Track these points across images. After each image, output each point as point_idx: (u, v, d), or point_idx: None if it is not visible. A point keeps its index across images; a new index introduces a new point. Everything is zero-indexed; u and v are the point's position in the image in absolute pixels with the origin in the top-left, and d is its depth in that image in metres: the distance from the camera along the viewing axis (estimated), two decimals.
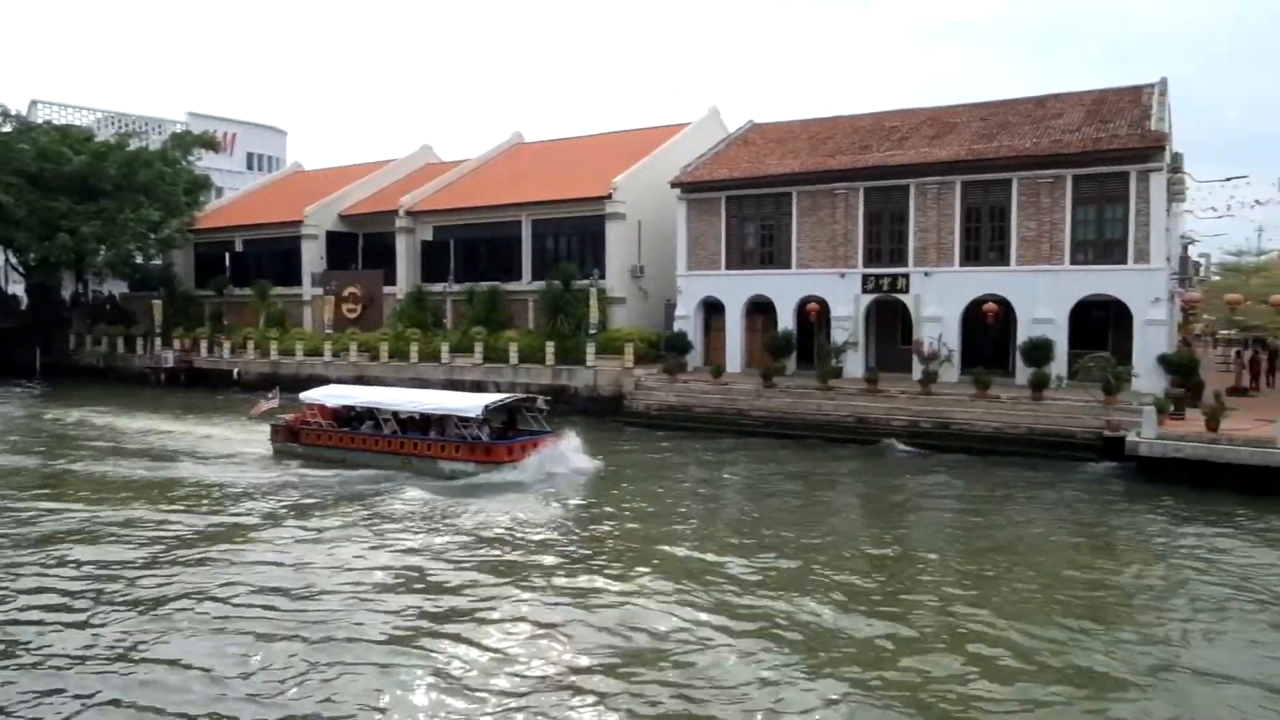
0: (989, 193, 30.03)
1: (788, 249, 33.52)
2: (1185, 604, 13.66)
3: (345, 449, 24.60)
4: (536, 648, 11.74)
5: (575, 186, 39.68)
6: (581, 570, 15.05)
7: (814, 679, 10.82)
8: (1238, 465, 20.52)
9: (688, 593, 13.68)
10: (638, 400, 32.44)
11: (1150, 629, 12.61)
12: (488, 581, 14.37)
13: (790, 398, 29.44)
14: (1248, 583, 14.45)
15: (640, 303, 38.57)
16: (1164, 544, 17.19)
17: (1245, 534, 17.40)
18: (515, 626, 12.50)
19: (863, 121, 37.00)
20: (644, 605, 13.16)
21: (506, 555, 15.91)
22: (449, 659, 11.37)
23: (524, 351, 36.44)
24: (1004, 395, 26.90)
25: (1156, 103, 30.07)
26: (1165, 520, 18.56)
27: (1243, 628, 12.54)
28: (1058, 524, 18.55)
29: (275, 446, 25.97)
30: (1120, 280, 27.89)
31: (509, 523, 18.05)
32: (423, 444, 23.48)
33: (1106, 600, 13.88)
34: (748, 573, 14.86)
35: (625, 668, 11.09)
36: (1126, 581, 14.89)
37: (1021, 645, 11.77)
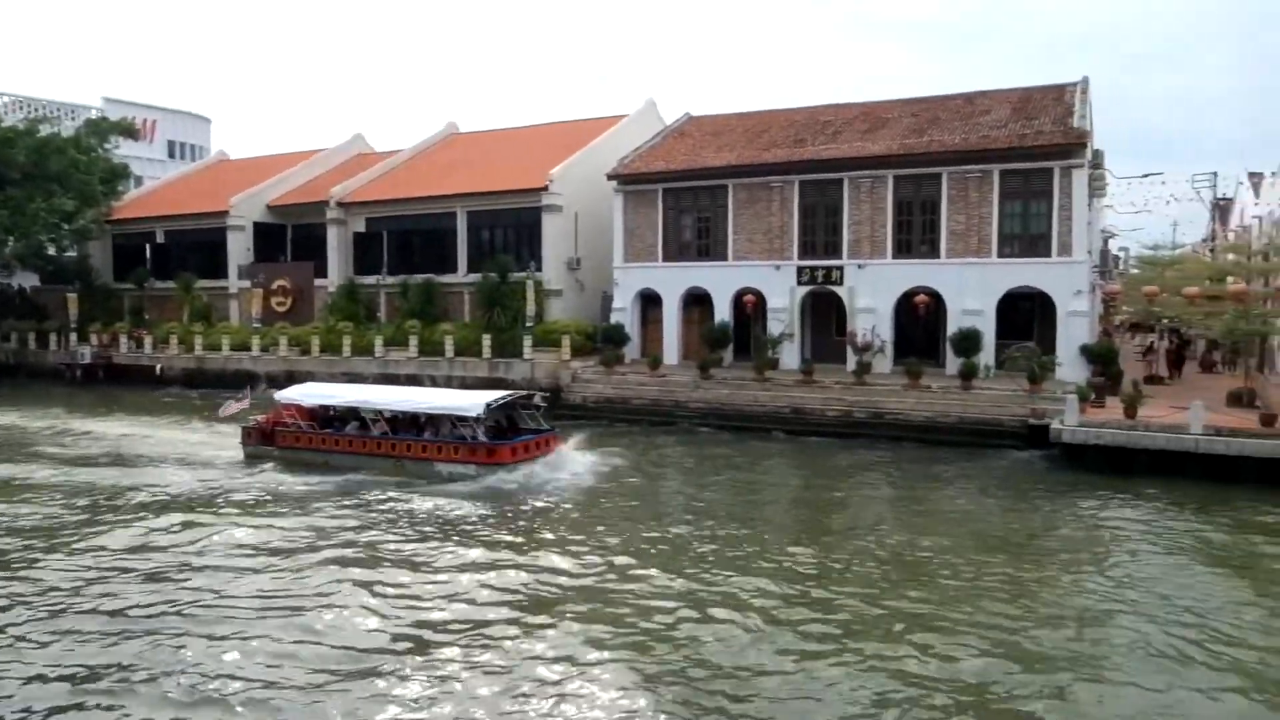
0: (920, 187, 30.61)
1: (724, 241, 33.70)
2: (1100, 583, 14.21)
3: (328, 451, 22.91)
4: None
5: (511, 178, 39.25)
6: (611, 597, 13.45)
7: (751, 666, 10.92)
8: (1153, 450, 21.31)
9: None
10: (575, 393, 32.28)
11: (1065, 605, 13.19)
12: (528, 620, 12.47)
13: (727, 389, 29.62)
14: (1159, 560, 15.18)
15: (577, 295, 38.39)
16: (1082, 527, 17.74)
17: (1158, 515, 18.10)
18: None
19: (798, 115, 37.38)
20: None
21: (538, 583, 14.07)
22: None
23: (460, 345, 35.95)
24: (935, 385, 27.48)
25: (1078, 101, 31.01)
26: (1084, 504, 19.15)
27: (1154, 602, 13.22)
28: (983, 510, 19.04)
29: (247, 450, 24.13)
30: (1045, 273, 28.72)
31: (531, 537, 16.62)
32: (417, 445, 21.94)
33: (1024, 580, 14.32)
34: (690, 560, 14.97)
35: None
36: (1045, 560, 15.41)
37: (951, 622, 12.15)
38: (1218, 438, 20.91)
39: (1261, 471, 20.13)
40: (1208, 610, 12.78)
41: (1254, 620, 12.45)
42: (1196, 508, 18.47)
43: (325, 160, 49.92)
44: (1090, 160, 29.35)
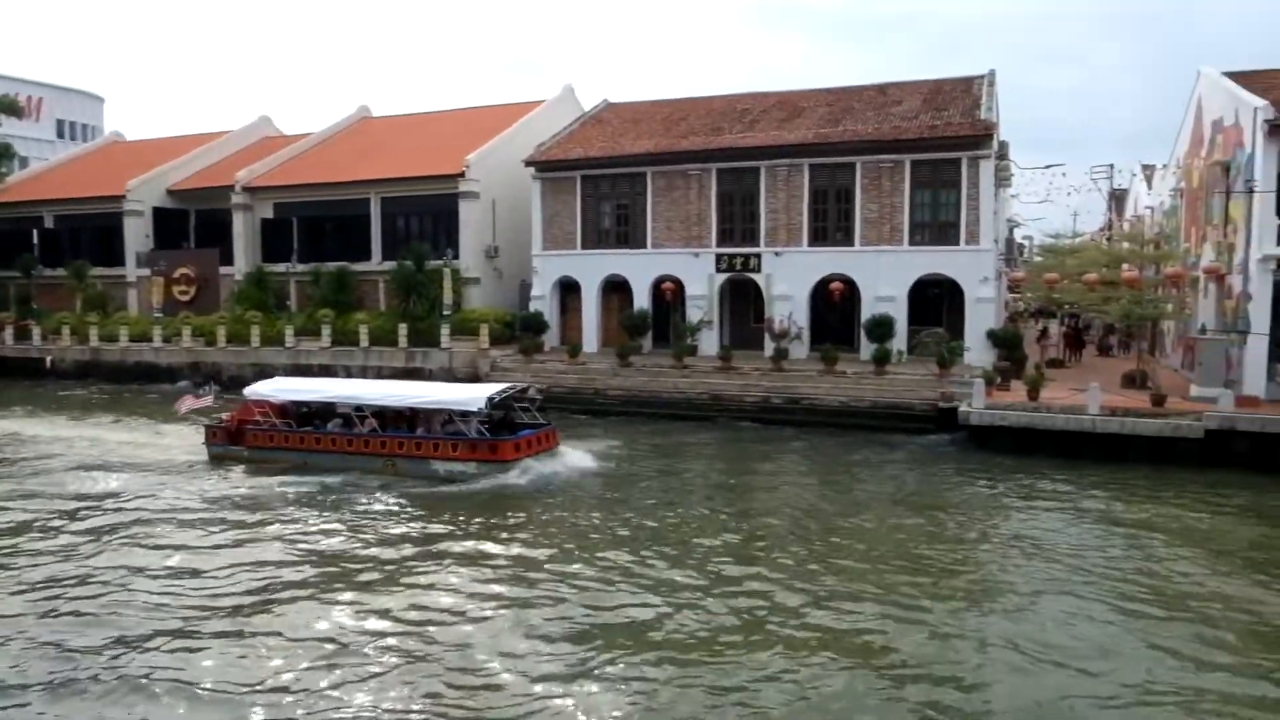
0: (835, 176, 31.11)
1: (643, 229, 33.67)
2: (1002, 558, 14.81)
3: (308, 451, 21.21)
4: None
5: (427, 164, 38.42)
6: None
7: (651, 652, 10.91)
8: (1055, 431, 22.19)
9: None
10: (493, 380, 31.77)
11: (971, 580, 13.71)
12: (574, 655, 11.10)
13: (646, 376, 29.66)
14: (1056, 534, 15.87)
15: (495, 283, 37.88)
16: (987, 505, 18.37)
17: (1058, 493, 18.86)
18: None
19: (715, 104, 37.56)
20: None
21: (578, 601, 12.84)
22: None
23: (375, 334, 35.07)
24: (850, 370, 28.03)
25: (985, 93, 31.94)
26: (988, 484, 19.83)
27: (1050, 570, 13.97)
28: (892, 491, 19.50)
29: (212, 450, 22.28)
30: (953, 260, 29.56)
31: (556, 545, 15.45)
32: (410, 443, 20.50)
33: (934, 556, 14.76)
34: (610, 550, 14.94)
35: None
36: (951, 539, 15.92)
37: (865, 599, 12.43)
38: (1113, 418, 21.90)
39: (1152, 449, 21.18)
40: (1104, 581, 13.43)
41: (1151, 592, 13.10)
42: (1092, 485, 19.30)
43: (230, 143, 47.97)
44: (996, 151, 30.28)
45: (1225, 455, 20.70)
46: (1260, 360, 23.00)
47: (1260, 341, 22.96)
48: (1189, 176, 31.08)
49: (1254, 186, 23.09)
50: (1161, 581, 13.56)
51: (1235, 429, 20.87)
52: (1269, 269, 22.86)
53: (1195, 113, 30.34)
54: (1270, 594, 13.00)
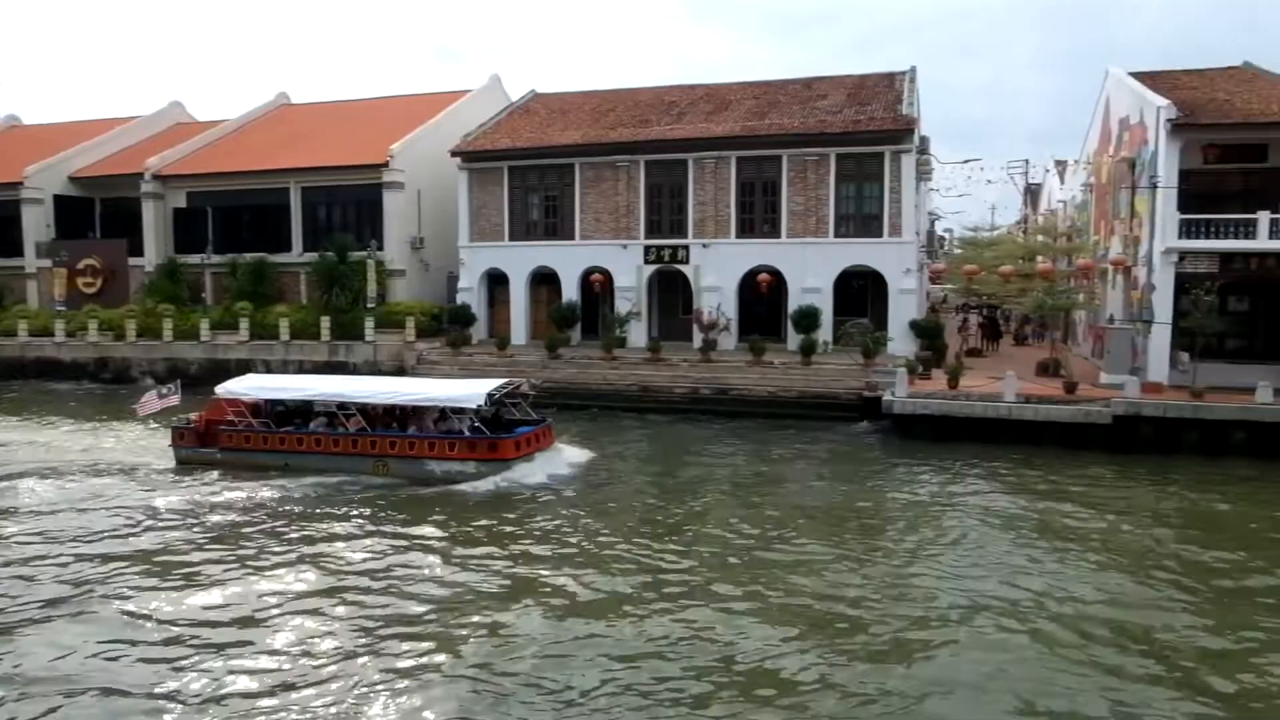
0: (762, 168, 31.40)
1: (571, 220, 33.48)
2: (924, 537, 15.17)
3: (289, 452, 19.90)
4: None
5: (349, 153, 37.47)
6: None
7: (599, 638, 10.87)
8: (973, 418, 22.84)
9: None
10: (421, 375, 31.27)
11: (895, 557, 14.09)
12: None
13: (575, 368, 29.52)
14: (975, 515, 16.38)
15: (421, 275, 37.21)
16: (909, 489, 18.78)
17: (974, 477, 19.43)
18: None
19: (643, 95, 37.53)
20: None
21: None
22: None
23: (296, 327, 34.09)
24: (777, 361, 28.37)
25: (907, 89, 32.62)
26: (910, 470, 20.30)
27: (972, 547, 14.44)
28: (818, 479, 19.84)
29: (181, 453, 20.79)
30: (877, 252, 30.14)
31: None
32: (403, 442, 19.37)
33: (857, 540, 15.11)
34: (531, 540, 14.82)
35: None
36: (876, 523, 16.35)
37: (794, 580, 12.63)
38: (1027, 405, 22.64)
39: (1064, 435, 21.98)
40: (1014, 561, 13.85)
41: (1056, 568, 13.57)
42: (1008, 469, 19.94)
43: (138, 129, 45.95)
44: (918, 145, 30.96)
45: (1131, 439, 21.61)
46: (1163, 348, 24.05)
47: (1163, 331, 23.99)
48: (1098, 172, 32.28)
49: (1157, 182, 24.08)
50: (1069, 565, 14.05)
51: (1140, 414, 21.79)
52: (1171, 261, 23.89)
53: (1104, 111, 31.53)
54: (1162, 570, 13.62)
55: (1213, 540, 15.19)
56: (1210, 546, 14.81)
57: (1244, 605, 12.29)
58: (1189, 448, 21.30)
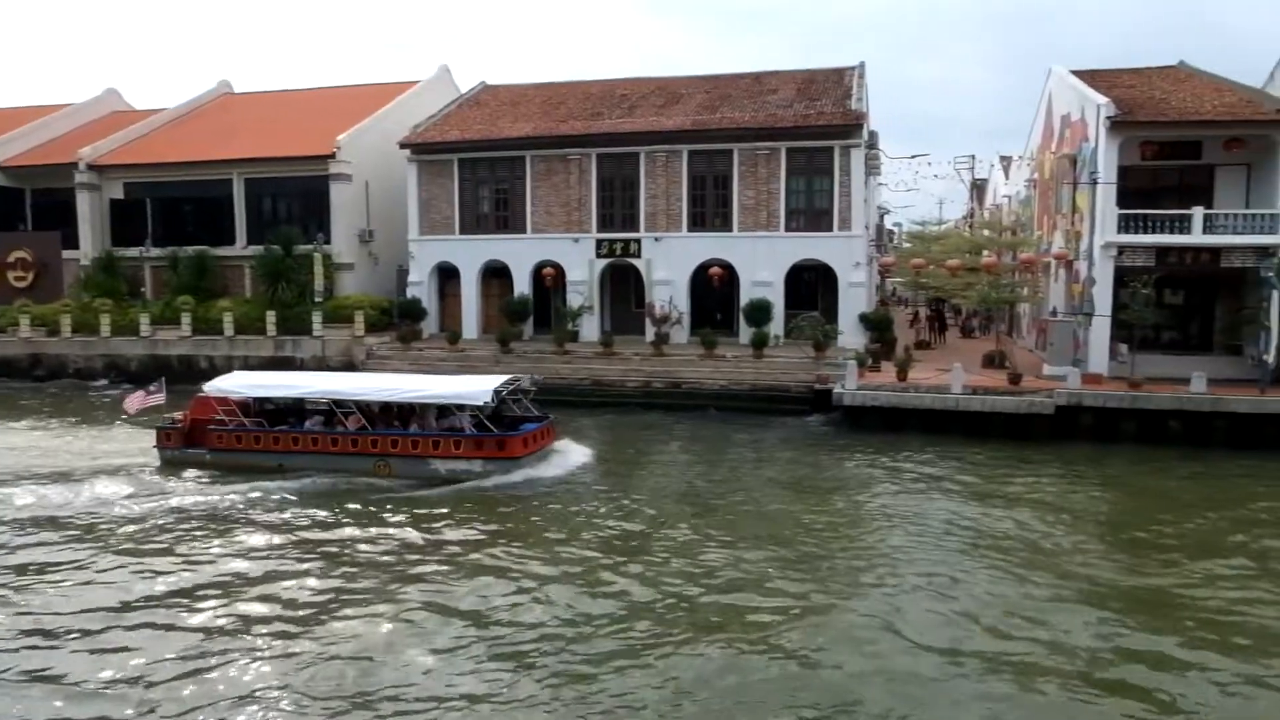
0: (713, 162, 31.48)
1: (523, 213, 33.22)
2: (875, 527, 15.43)
3: (283, 453, 19.16)
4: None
5: (295, 144, 36.67)
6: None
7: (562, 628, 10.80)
8: (922, 410, 23.21)
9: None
10: (370, 370, 30.81)
11: (848, 546, 14.33)
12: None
13: (527, 362, 29.27)
14: (923, 503, 16.73)
15: (370, 268, 36.62)
16: (859, 479, 19.07)
17: (924, 466, 19.76)
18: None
19: (594, 88, 37.36)
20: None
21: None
22: None
23: (241, 322, 33.32)
24: (729, 354, 28.51)
25: (856, 84, 32.95)
26: (860, 462, 20.58)
27: (920, 534, 14.79)
28: (771, 471, 20.00)
29: (166, 454, 19.99)
30: (827, 246, 30.43)
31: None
32: (406, 440, 18.70)
33: (813, 526, 15.28)
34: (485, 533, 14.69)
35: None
36: (830, 510, 16.57)
37: (751, 566, 12.76)
38: (974, 396, 23.07)
39: (1009, 425, 22.45)
40: (962, 552, 14.14)
41: (1002, 555, 13.88)
42: (954, 459, 20.29)
43: (72, 116, 44.40)
44: (867, 140, 31.33)
45: (1073, 429, 22.18)
46: (1103, 340, 24.70)
47: (1103, 323, 24.63)
48: (1041, 168, 32.98)
49: (1097, 178, 24.68)
50: (1010, 542, 14.39)
51: (1081, 404, 22.36)
52: (1110, 255, 24.52)
53: (1046, 108, 32.20)
54: (1100, 544, 14.03)
55: (1143, 519, 15.90)
56: (1141, 525, 15.53)
57: (1161, 568, 13.32)
58: (1127, 437, 21.92)
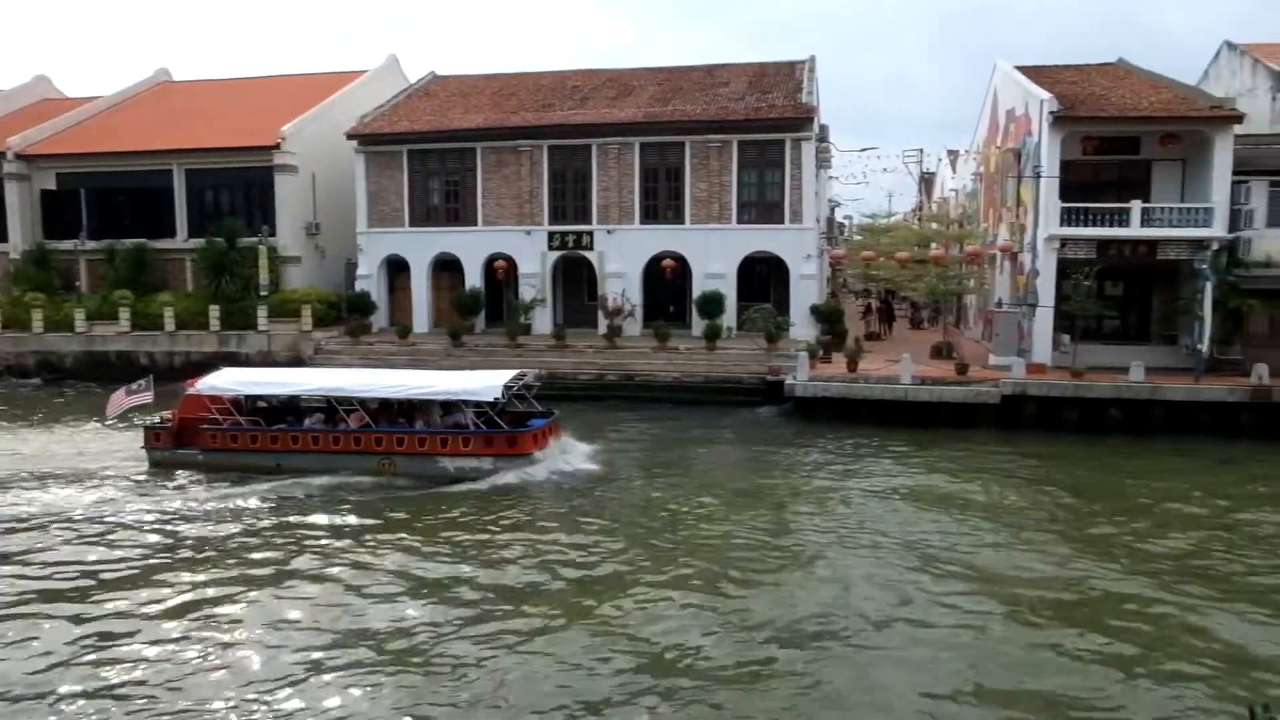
0: (665, 154, 31.45)
1: (473, 206, 32.86)
2: (828, 513, 15.59)
3: (282, 452, 18.49)
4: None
5: (237, 134, 35.75)
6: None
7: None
8: (872, 400, 23.50)
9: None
10: (318, 365, 30.24)
11: (801, 533, 14.43)
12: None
13: (479, 356, 29.03)
14: (872, 491, 17.03)
15: (318, 262, 35.92)
16: (811, 468, 19.27)
17: (875, 455, 20.08)
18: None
19: (545, 79, 37.07)
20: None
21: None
22: None
23: (183, 317, 32.46)
24: (683, 346, 28.57)
25: (807, 77, 33.17)
26: (811, 451, 20.80)
27: (870, 520, 15.14)
28: (723, 461, 20.19)
29: (155, 455, 19.20)
30: (779, 238, 30.62)
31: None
32: (412, 438, 18.17)
33: (767, 513, 15.42)
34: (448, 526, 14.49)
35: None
36: (782, 498, 16.83)
37: (706, 551, 12.80)
38: (923, 387, 23.43)
39: (957, 414, 22.86)
40: (912, 531, 14.37)
41: (946, 534, 14.12)
42: (903, 448, 20.61)
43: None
44: (818, 134, 31.56)
45: (1018, 417, 22.64)
46: (1046, 331, 25.25)
47: (1046, 314, 25.17)
48: (987, 161, 33.57)
49: (1041, 172, 25.19)
50: (948, 531, 14.67)
51: (1026, 394, 22.84)
52: (1053, 247, 25.05)
53: (992, 103, 32.76)
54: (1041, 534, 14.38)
55: (1083, 503, 16.45)
56: (1080, 507, 16.09)
57: (1097, 550, 13.79)
58: (1070, 425, 22.45)
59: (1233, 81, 31.16)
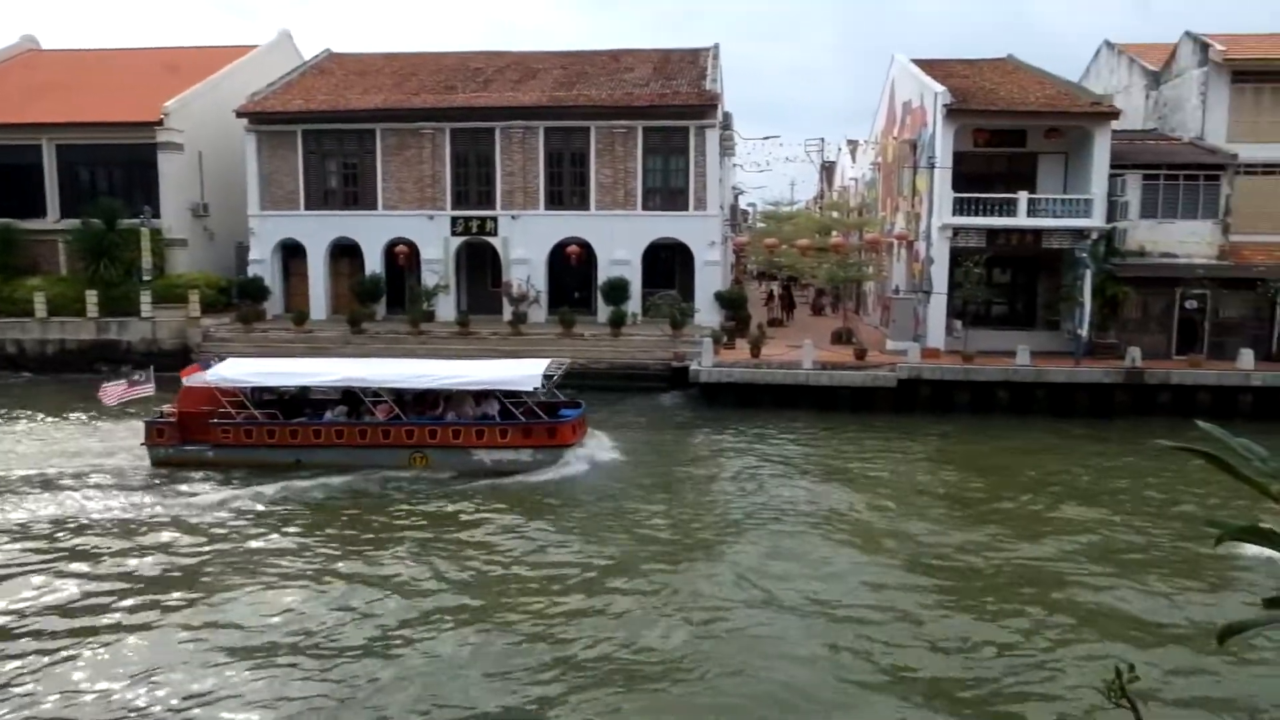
0: (570, 139, 31.15)
1: (373, 189, 31.89)
2: (731, 497, 15.84)
3: (302, 447, 17.33)
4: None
5: (115, 108, 33.65)
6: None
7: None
8: (774, 385, 23.89)
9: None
10: (207, 353, 28.81)
11: (710, 510, 14.60)
12: None
13: (381, 344, 28.29)
14: (775, 474, 17.38)
15: (206, 245, 34.26)
16: (715, 452, 19.54)
17: (778, 438, 20.46)
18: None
19: (447, 60, 36.22)
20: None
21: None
22: None
23: (56, 303, 30.49)
24: (588, 333, 28.43)
25: (711, 65, 33.34)
26: (714, 436, 21.09)
27: (771, 500, 15.31)
28: (629, 448, 20.09)
29: (158, 454, 17.75)
30: (683, 225, 30.76)
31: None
32: (446, 430, 17.22)
33: (674, 496, 15.53)
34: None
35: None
36: (689, 481, 17.00)
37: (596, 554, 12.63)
38: (823, 371, 23.94)
39: (856, 398, 23.45)
40: (816, 509, 14.66)
41: (845, 509, 14.48)
42: (802, 430, 21.07)
43: None
44: (721, 121, 31.77)
45: (913, 400, 23.39)
46: (940, 317, 26.13)
47: (940, 300, 26.05)
48: (885, 152, 34.45)
49: (935, 162, 26.00)
50: (850, 509, 15.07)
51: (921, 377, 23.60)
52: (946, 236, 25.91)
53: (890, 94, 33.60)
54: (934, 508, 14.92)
55: (965, 477, 17.35)
56: (962, 482, 16.95)
57: (980, 520, 14.39)
58: (962, 406, 23.33)
59: (1111, 79, 32.84)
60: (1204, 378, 23.15)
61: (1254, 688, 9.38)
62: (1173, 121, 29.06)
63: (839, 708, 9.04)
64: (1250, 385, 22.93)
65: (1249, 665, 9.68)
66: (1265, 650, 9.78)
